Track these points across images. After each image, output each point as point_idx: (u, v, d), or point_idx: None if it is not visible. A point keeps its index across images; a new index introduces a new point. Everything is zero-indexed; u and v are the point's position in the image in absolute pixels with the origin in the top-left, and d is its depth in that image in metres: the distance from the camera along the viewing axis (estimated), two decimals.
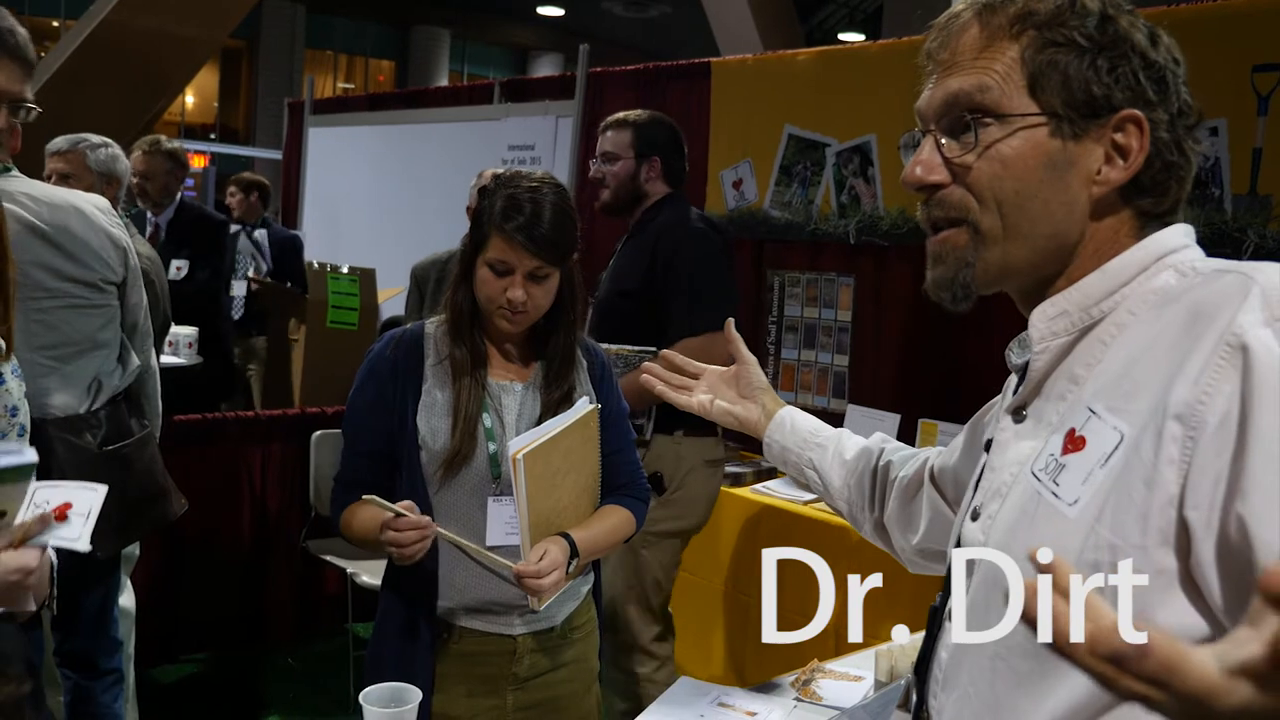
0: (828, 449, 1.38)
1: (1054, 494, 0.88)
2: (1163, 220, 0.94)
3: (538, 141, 5.09)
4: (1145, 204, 0.93)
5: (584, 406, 1.85)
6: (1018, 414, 0.98)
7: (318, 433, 3.73)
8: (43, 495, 1.35)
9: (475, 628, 1.81)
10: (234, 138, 19.73)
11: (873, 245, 3.83)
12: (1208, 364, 0.79)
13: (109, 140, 3.31)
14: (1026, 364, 0.97)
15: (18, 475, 1.33)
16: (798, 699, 1.92)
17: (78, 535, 1.32)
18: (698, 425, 2.14)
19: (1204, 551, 0.78)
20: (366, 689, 1.24)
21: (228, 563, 3.82)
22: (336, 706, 3.49)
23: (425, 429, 1.79)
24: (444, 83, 18.58)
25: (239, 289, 5.06)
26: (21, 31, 2.04)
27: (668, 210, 2.90)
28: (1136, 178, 0.92)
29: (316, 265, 4.58)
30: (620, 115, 3.01)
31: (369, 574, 3.35)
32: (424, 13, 20.12)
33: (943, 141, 0.96)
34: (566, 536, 1.79)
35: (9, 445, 1.50)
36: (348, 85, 21.57)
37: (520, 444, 1.71)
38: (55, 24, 16.38)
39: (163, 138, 4.44)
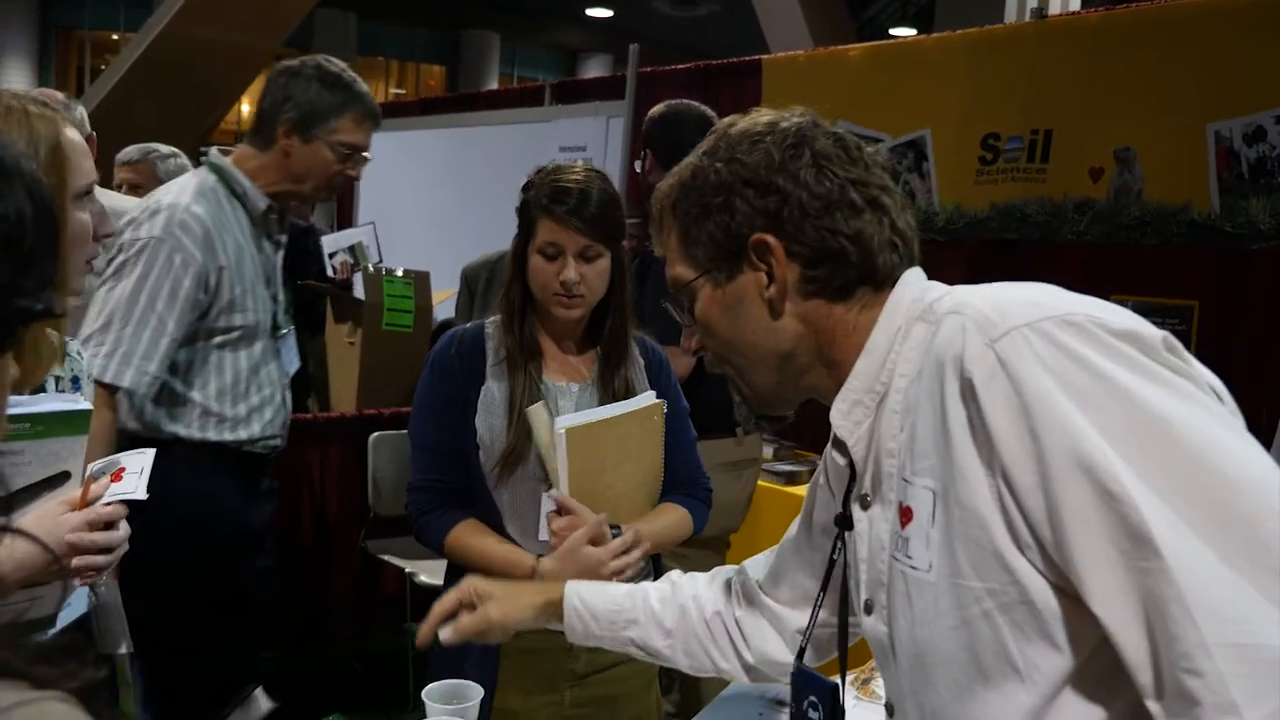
0: (641, 623, 1.40)
1: (911, 567, 0.97)
2: (873, 280, 1.04)
3: (589, 142, 5.11)
4: (836, 285, 1.04)
5: (648, 398, 1.85)
6: (864, 502, 1.06)
7: (375, 434, 3.77)
8: (96, 467, 1.37)
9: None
10: None
11: (928, 241, 3.79)
12: (963, 410, 0.90)
13: (177, 150, 3.38)
14: (849, 460, 1.07)
15: (75, 425, 1.31)
16: (857, 697, 1.91)
17: (134, 488, 1.34)
18: (706, 427, 2.13)
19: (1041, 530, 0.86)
20: (428, 686, 1.25)
21: (288, 563, 3.88)
22: (396, 704, 3.52)
23: (483, 427, 1.81)
24: (494, 86, 18.69)
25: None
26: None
27: None
28: (802, 275, 1.04)
29: (372, 269, 4.62)
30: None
31: (427, 574, 3.39)
32: (473, 16, 20.25)
33: (681, 318, 1.14)
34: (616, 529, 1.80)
35: (64, 395, 1.52)
36: (399, 90, 21.79)
37: (569, 421, 1.73)
38: (115, 37, 16.76)
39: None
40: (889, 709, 1.08)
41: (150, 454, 1.42)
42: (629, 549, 1.79)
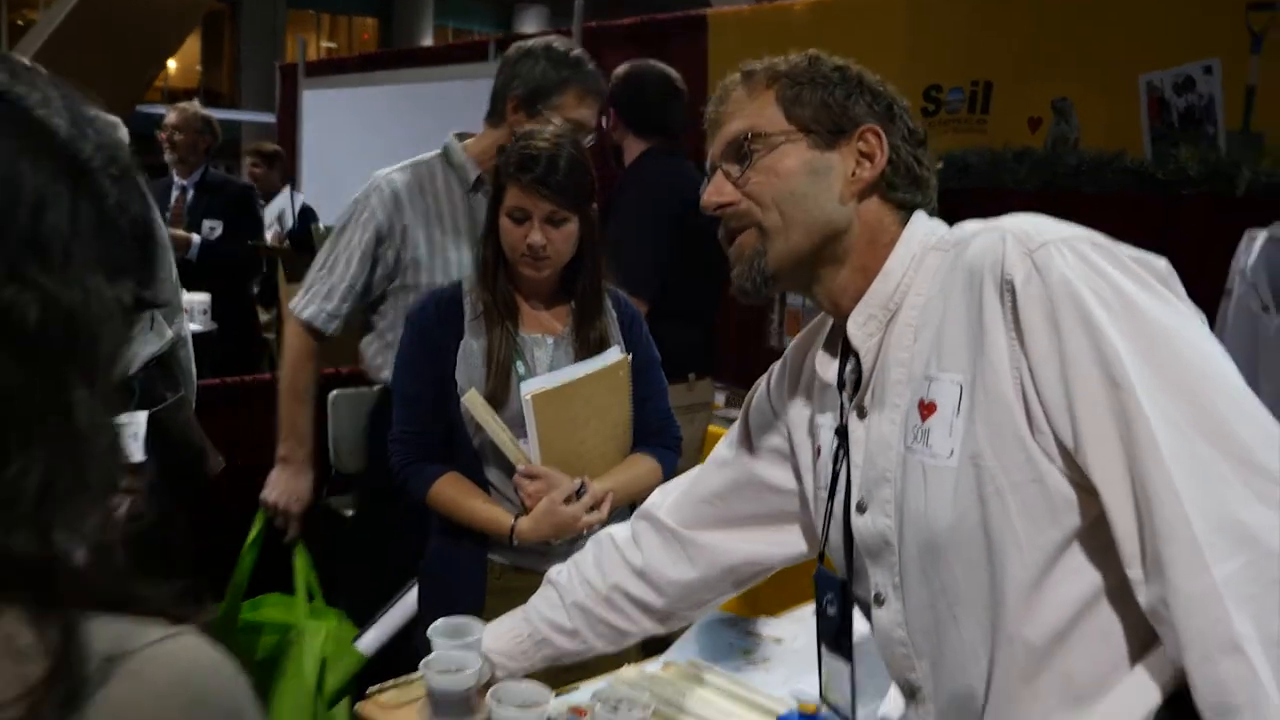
0: (546, 637, 1.47)
1: (931, 456, 1.08)
2: (912, 211, 1.18)
3: None
4: (900, 197, 1.18)
5: (612, 356, 1.93)
6: (861, 412, 1.18)
7: (334, 392, 3.79)
8: None
9: (516, 565, 1.91)
10: (219, 101, 19.52)
11: None
12: (1000, 309, 1.01)
13: (117, 121, 3.35)
14: (840, 373, 1.20)
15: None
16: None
17: (131, 453, 1.39)
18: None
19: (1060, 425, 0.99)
20: (434, 624, 1.32)
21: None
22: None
23: (463, 380, 1.88)
24: (429, 39, 18.40)
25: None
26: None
27: (648, 163, 2.95)
28: (888, 176, 1.16)
29: (322, 228, 4.62)
30: None
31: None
32: None
33: (727, 169, 1.19)
34: None
35: None
36: (331, 44, 21.36)
37: (535, 385, 1.81)
38: None
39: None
40: (878, 599, 1.18)
41: (142, 416, 1.46)
42: (598, 503, 1.87)
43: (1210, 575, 0.88)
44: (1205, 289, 3.34)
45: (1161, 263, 1.02)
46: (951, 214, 1.21)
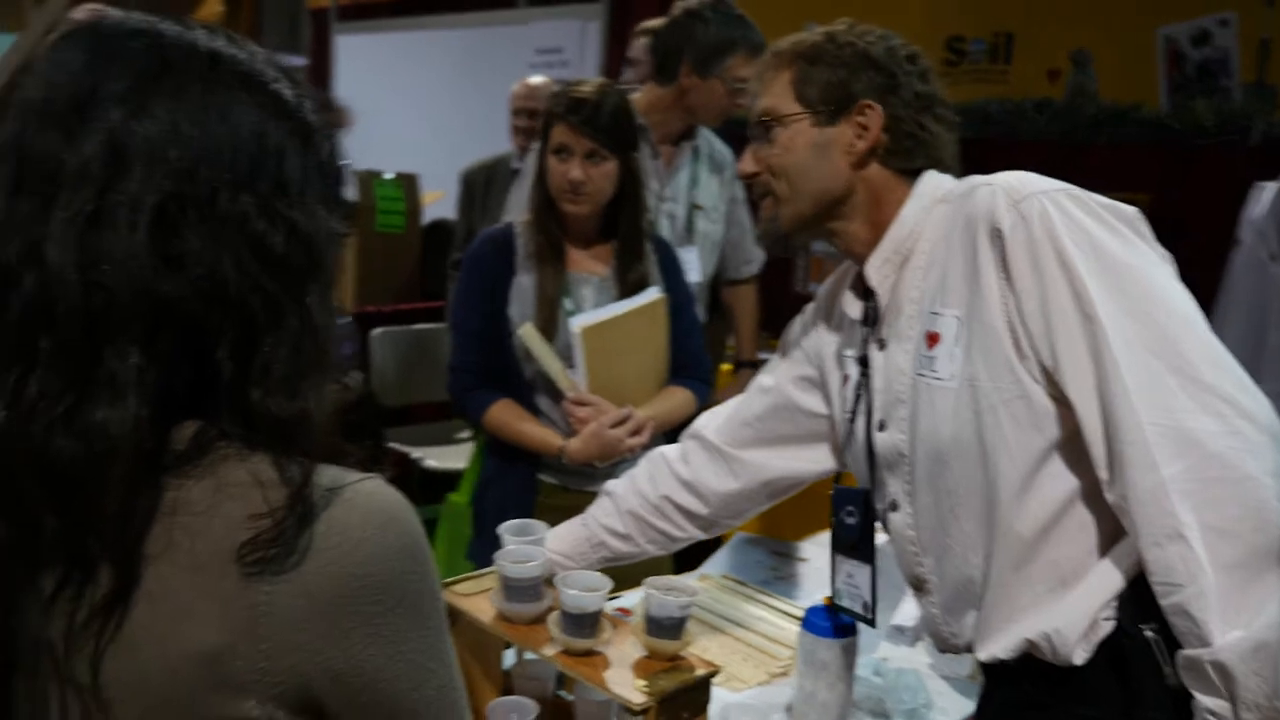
0: (602, 541, 1.65)
1: (936, 379, 1.26)
2: (921, 171, 1.34)
3: (565, 45, 5.22)
4: (899, 163, 1.33)
5: (652, 294, 2.09)
6: (880, 344, 1.35)
7: (377, 329, 3.98)
8: None
9: (564, 485, 2.09)
10: None
11: None
12: (991, 253, 1.18)
13: None
14: (865, 311, 1.38)
15: None
16: None
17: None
18: None
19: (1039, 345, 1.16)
20: (503, 524, 1.49)
21: None
22: None
23: (516, 314, 2.05)
24: None
25: None
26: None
27: None
28: (888, 145, 1.32)
29: (361, 171, 4.76)
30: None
31: (435, 459, 3.64)
32: None
33: (754, 143, 1.39)
34: None
35: None
36: None
37: (583, 320, 1.98)
38: None
39: None
40: (893, 506, 1.35)
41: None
42: (640, 429, 2.04)
43: (1159, 474, 1.05)
44: (1218, 238, 3.47)
45: (1130, 210, 1.18)
46: (973, 162, 1.35)
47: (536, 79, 3.86)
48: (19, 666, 0.72)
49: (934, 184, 1.33)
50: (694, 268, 2.79)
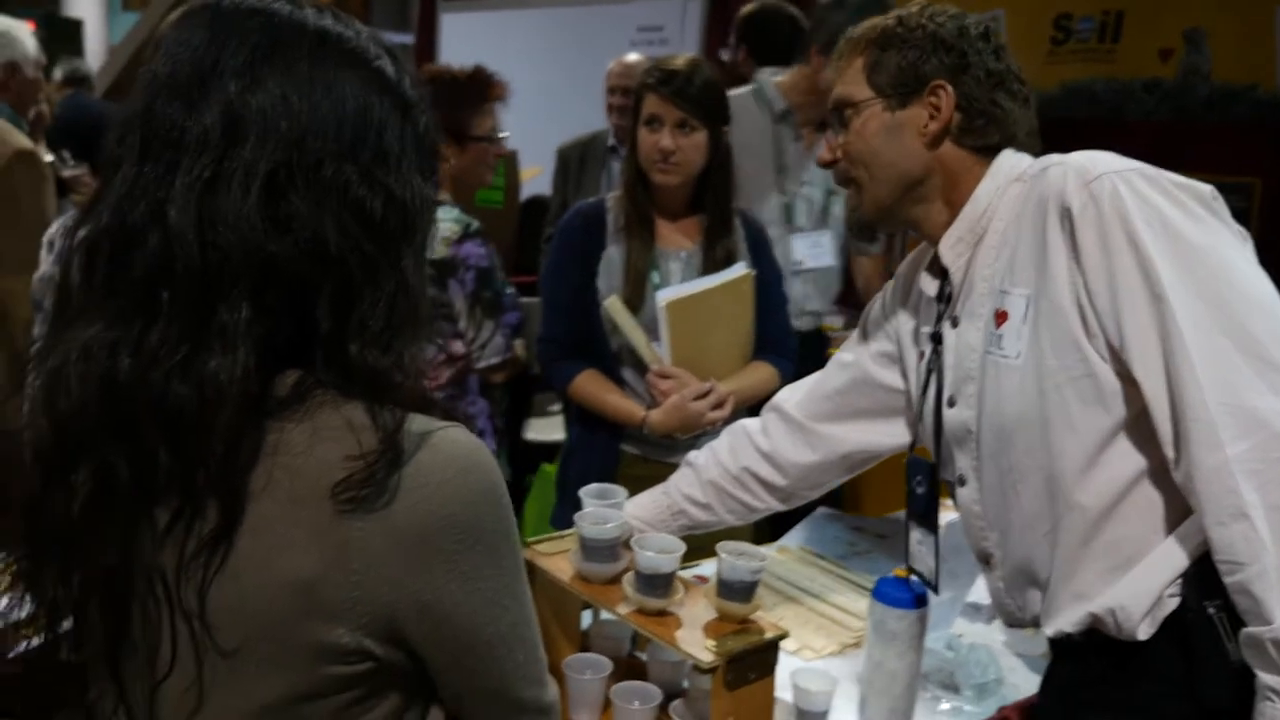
0: (683, 509, 1.69)
1: (1003, 356, 1.27)
2: (998, 149, 1.34)
3: (667, 24, 5.24)
4: (973, 141, 1.34)
5: (739, 270, 2.12)
6: (954, 322, 1.37)
7: None
8: None
9: (645, 456, 2.14)
10: None
11: None
12: (1061, 233, 1.19)
13: None
14: (940, 289, 1.39)
15: None
16: None
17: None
18: None
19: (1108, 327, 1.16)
20: (584, 487, 1.55)
21: None
22: None
23: (604, 286, 2.10)
24: None
25: None
26: None
27: None
28: (961, 124, 1.33)
29: None
30: None
31: (533, 431, 3.75)
32: None
33: (831, 131, 1.42)
34: None
35: None
36: None
37: (669, 294, 2.02)
38: None
39: None
40: (961, 480, 1.37)
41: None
42: (722, 403, 2.08)
43: (1224, 452, 1.05)
44: None
45: (1205, 188, 1.17)
46: (1078, 143, 1.34)
47: (633, 57, 3.90)
48: (135, 594, 0.80)
49: (1010, 163, 1.34)
50: (828, 251, 2.83)
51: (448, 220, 2.17)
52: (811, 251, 2.79)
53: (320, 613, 0.79)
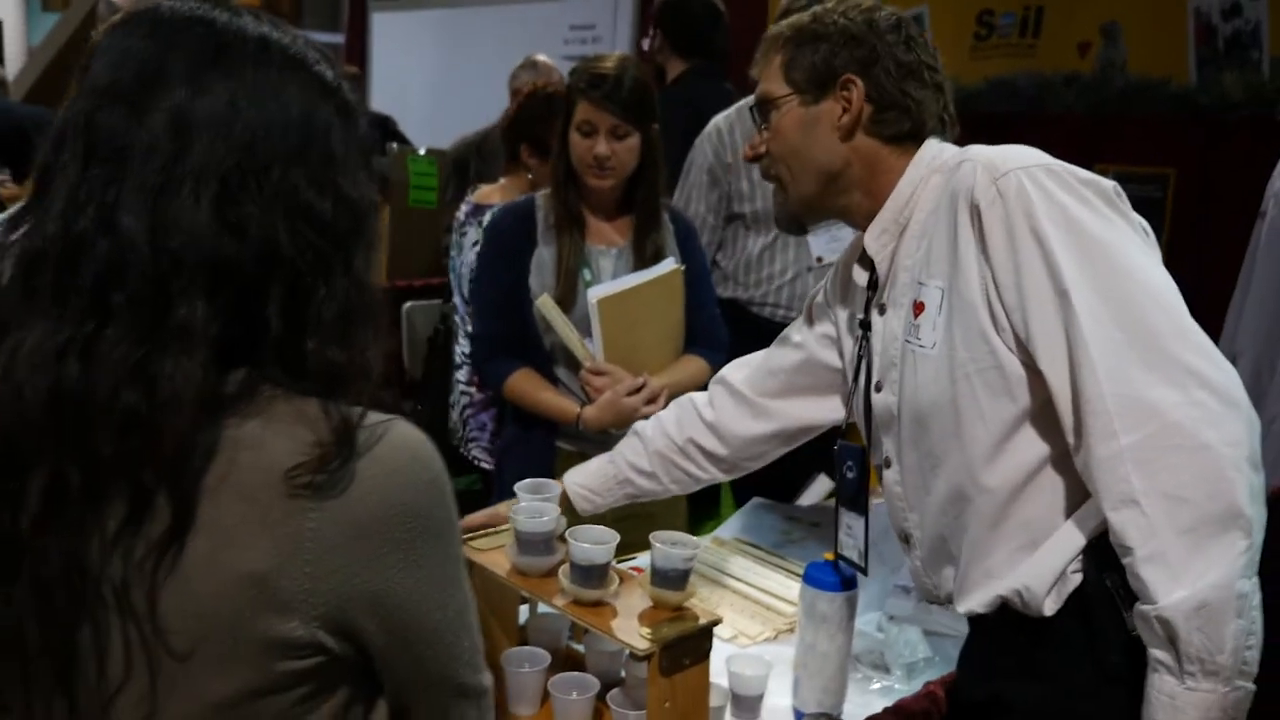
0: (627, 477, 1.73)
1: (920, 346, 1.32)
2: (916, 138, 1.38)
3: (598, 22, 5.26)
4: (886, 131, 1.38)
5: (668, 265, 2.14)
6: (880, 309, 1.41)
7: (408, 304, 4.06)
8: None
9: (581, 451, 2.16)
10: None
11: None
12: (970, 228, 1.23)
13: None
14: (870, 278, 1.43)
15: None
16: None
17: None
18: None
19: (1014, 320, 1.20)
20: (519, 482, 1.56)
21: None
22: None
23: (536, 285, 2.11)
24: None
25: None
26: None
27: (689, 80, 3.15)
28: (873, 116, 1.37)
29: (396, 148, 4.84)
30: None
31: None
32: None
33: (757, 127, 1.46)
34: None
35: None
36: None
37: (600, 291, 2.04)
38: None
39: None
40: (886, 463, 1.42)
41: None
42: (655, 397, 2.10)
43: (1118, 442, 1.10)
44: (1244, 212, 3.46)
45: (1108, 183, 1.21)
46: (1001, 137, 1.38)
47: (541, 57, 3.93)
48: (85, 603, 0.79)
49: (933, 153, 1.38)
50: (845, 246, 2.84)
51: None
52: (829, 247, 2.80)
53: (273, 606, 0.79)
